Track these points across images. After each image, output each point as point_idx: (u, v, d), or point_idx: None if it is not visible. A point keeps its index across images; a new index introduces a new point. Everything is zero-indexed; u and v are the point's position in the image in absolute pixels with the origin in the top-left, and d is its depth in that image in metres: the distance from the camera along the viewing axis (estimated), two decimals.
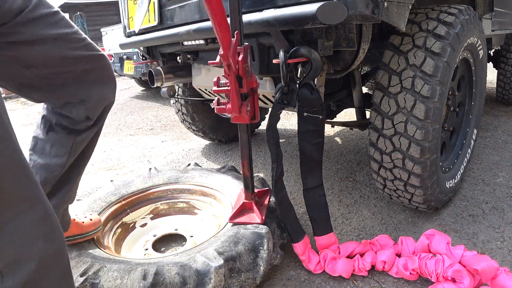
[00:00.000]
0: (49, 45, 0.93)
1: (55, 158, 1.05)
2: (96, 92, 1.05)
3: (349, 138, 2.60)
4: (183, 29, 1.41)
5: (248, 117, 1.11)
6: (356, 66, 1.23)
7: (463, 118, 1.71)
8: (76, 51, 0.99)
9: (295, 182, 1.93)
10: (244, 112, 1.09)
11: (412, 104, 1.18)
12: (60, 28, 0.95)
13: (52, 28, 0.93)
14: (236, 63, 1.01)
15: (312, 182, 1.24)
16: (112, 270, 0.99)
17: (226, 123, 2.57)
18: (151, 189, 1.57)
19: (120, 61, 5.32)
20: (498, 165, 1.93)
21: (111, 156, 2.75)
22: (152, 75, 1.76)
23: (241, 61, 1.02)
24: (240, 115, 1.10)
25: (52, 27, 0.93)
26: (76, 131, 1.06)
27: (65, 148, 1.05)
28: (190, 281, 0.96)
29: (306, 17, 0.93)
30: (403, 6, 1.09)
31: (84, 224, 1.21)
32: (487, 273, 1.01)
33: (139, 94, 6.00)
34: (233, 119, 1.12)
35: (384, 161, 1.32)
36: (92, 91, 1.04)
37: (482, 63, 1.63)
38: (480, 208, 1.53)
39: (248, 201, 1.26)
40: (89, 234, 1.20)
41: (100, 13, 16.59)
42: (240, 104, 1.08)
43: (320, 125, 1.19)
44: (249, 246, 1.08)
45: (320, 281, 1.17)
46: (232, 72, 1.03)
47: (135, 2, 1.81)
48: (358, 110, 1.66)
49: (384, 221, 1.49)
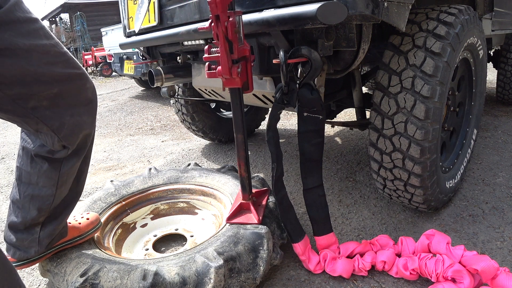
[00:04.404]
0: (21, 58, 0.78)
1: (44, 188, 0.99)
2: (70, 120, 0.92)
3: (349, 138, 2.60)
4: (183, 29, 1.41)
5: (240, 81, 1.07)
6: (356, 66, 1.23)
7: (463, 118, 1.71)
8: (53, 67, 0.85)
9: (295, 182, 1.93)
10: (235, 74, 1.04)
11: (412, 104, 1.18)
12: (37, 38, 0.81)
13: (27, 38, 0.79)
14: (225, 20, 0.97)
15: (312, 182, 1.24)
16: (112, 271, 0.99)
17: (226, 123, 2.57)
18: (151, 189, 1.57)
19: (120, 61, 5.32)
20: (498, 165, 1.93)
21: (111, 156, 2.75)
22: (152, 75, 1.76)
23: (231, 24, 0.99)
24: (231, 78, 1.06)
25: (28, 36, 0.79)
26: (58, 160, 0.97)
27: (52, 180, 0.98)
28: (190, 281, 0.96)
29: (306, 17, 0.93)
30: (403, 6, 1.09)
31: (81, 225, 1.18)
32: (487, 273, 1.01)
33: (139, 94, 6.00)
34: (225, 83, 1.09)
35: (384, 161, 1.32)
36: (66, 118, 0.91)
37: (482, 63, 1.63)
38: (480, 208, 1.53)
39: (246, 201, 1.26)
40: (89, 234, 1.19)
41: (100, 13, 16.60)
42: (231, 65, 1.04)
43: (320, 125, 1.19)
44: (249, 246, 1.08)
45: (320, 281, 1.17)
46: (222, 33, 0.99)
47: (135, 2, 1.81)
48: (358, 110, 1.66)
49: (384, 221, 1.49)
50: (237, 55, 1.04)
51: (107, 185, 1.56)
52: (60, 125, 0.91)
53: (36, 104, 0.86)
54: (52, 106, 0.88)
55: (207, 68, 1.12)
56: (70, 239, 1.14)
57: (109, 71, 9.08)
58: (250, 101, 1.68)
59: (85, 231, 1.18)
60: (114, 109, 4.78)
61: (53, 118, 0.89)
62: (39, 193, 0.99)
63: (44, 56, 0.83)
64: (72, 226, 1.16)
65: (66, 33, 17.85)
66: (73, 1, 16.22)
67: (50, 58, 0.84)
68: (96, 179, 2.28)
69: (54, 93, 0.87)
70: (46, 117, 0.88)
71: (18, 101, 0.83)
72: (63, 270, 1.04)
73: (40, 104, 0.86)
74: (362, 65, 2.08)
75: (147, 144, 2.99)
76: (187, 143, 2.90)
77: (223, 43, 1.01)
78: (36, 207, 1.00)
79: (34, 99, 0.85)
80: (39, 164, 0.98)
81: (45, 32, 0.84)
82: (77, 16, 15.58)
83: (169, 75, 1.82)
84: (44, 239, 1.05)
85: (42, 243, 1.06)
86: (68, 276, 1.02)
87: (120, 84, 7.73)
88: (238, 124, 1.18)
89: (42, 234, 1.05)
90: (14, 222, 1.03)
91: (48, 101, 0.87)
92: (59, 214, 1.06)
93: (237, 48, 1.03)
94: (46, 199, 1.00)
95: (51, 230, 1.06)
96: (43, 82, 0.84)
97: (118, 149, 2.93)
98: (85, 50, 14.68)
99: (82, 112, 0.95)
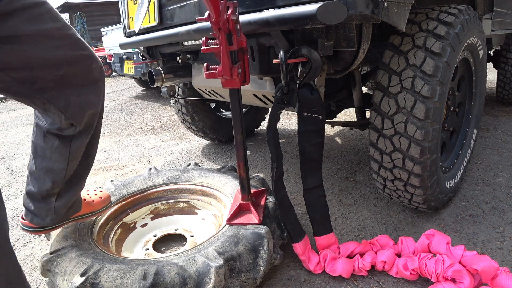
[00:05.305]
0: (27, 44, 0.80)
1: (56, 163, 1.04)
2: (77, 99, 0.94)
3: (349, 138, 2.60)
4: (183, 29, 1.41)
5: (239, 81, 1.08)
6: (356, 66, 1.23)
7: (463, 118, 1.71)
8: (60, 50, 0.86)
9: (295, 182, 1.93)
10: (235, 74, 1.06)
11: (412, 104, 1.18)
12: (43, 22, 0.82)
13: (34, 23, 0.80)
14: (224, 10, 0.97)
15: (312, 182, 1.24)
16: (112, 270, 0.99)
17: (226, 123, 2.57)
18: (151, 189, 1.57)
19: (120, 61, 5.32)
20: (498, 165, 1.93)
21: (111, 156, 2.75)
22: (152, 75, 1.76)
23: (230, 15, 0.99)
24: (231, 78, 1.07)
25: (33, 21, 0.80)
26: (68, 137, 1.01)
27: (63, 156, 1.03)
28: (190, 281, 0.96)
29: (306, 17, 0.93)
30: (403, 6, 1.09)
31: (94, 202, 1.28)
32: (487, 273, 1.01)
33: (139, 94, 6.00)
34: (224, 83, 1.10)
35: (384, 161, 1.32)
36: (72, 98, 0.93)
37: (482, 63, 1.63)
38: (480, 208, 1.53)
39: (245, 202, 1.26)
40: (100, 211, 1.30)
41: (100, 13, 16.59)
42: (231, 66, 1.05)
43: (320, 125, 1.19)
44: (249, 246, 1.08)
45: (320, 281, 1.17)
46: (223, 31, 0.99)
47: (135, 2, 1.81)
48: (358, 110, 1.66)
49: (384, 221, 1.49)
50: (236, 46, 1.04)
51: (107, 185, 1.56)
52: (67, 105, 0.93)
53: (43, 86, 0.88)
54: (58, 87, 0.90)
55: (205, 68, 1.12)
56: (83, 214, 1.24)
57: (109, 71, 9.07)
58: (250, 101, 1.68)
59: (97, 208, 1.29)
60: (114, 109, 4.78)
61: (59, 98, 0.92)
62: (52, 167, 1.05)
63: (50, 41, 0.84)
64: (86, 203, 1.26)
65: None
66: (73, 1, 16.21)
67: (56, 42, 0.85)
68: (96, 179, 2.28)
69: (61, 74, 0.89)
70: (52, 98, 0.91)
71: (26, 83, 0.86)
72: (63, 269, 1.04)
73: (47, 85, 0.89)
74: (362, 65, 2.08)
75: (147, 144, 2.99)
76: (187, 143, 2.90)
77: (224, 40, 1.02)
78: (51, 179, 1.06)
79: (40, 81, 0.87)
80: (51, 141, 1.03)
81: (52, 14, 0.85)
82: (77, 16, 15.58)
83: (169, 75, 1.82)
84: (59, 209, 1.12)
85: (58, 213, 1.12)
86: (68, 275, 1.02)
87: (120, 84, 7.73)
88: (237, 125, 1.18)
89: (58, 204, 1.11)
90: (31, 191, 1.09)
91: (55, 83, 0.89)
92: (73, 185, 1.12)
93: (236, 39, 1.03)
94: (59, 172, 1.05)
95: (65, 200, 1.12)
96: (50, 65, 0.86)
97: (118, 149, 2.93)
98: None
99: (89, 91, 0.97)
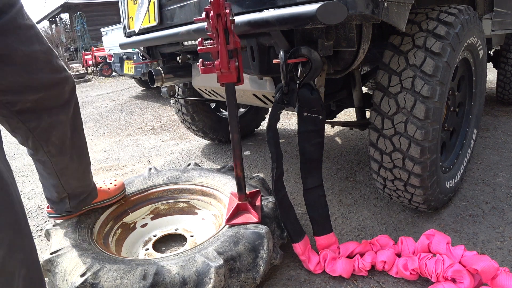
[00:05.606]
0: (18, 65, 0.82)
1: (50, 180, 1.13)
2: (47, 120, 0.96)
3: (349, 138, 2.60)
4: (183, 29, 1.41)
5: (236, 74, 1.09)
6: (356, 66, 1.23)
7: (463, 118, 1.71)
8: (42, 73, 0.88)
9: (295, 182, 1.93)
10: (233, 67, 1.07)
11: (412, 104, 1.18)
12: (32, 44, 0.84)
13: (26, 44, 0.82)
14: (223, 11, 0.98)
15: (312, 182, 1.24)
16: (112, 270, 0.99)
17: (226, 123, 2.57)
18: (151, 189, 1.57)
19: (120, 61, 5.32)
20: (498, 165, 1.93)
21: (111, 156, 2.75)
22: (152, 75, 1.76)
23: (228, 13, 1.00)
24: (229, 72, 1.08)
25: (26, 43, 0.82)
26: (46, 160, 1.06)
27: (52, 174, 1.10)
28: (190, 281, 0.96)
29: (306, 17, 0.93)
30: (403, 6, 1.09)
31: (110, 190, 1.39)
32: (487, 273, 1.01)
33: (139, 94, 6.00)
34: (221, 78, 1.10)
35: (384, 161, 1.32)
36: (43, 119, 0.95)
37: (482, 63, 1.63)
38: (480, 208, 1.53)
39: (242, 202, 1.26)
40: (115, 197, 1.40)
41: (100, 13, 16.59)
42: (228, 60, 1.06)
43: (320, 125, 1.19)
44: (249, 246, 1.08)
45: (320, 281, 1.17)
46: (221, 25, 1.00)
47: (135, 2, 1.81)
48: (358, 110, 1.66)
49: (384, 221, 1.49)
50: (233, 45, 1.05)
51: None
52: (36, 125, 0.96)
53: (21, 108, 0.91)
54: (33, 109, 0.93)
55: (201, 64, 1.12)
56: (100, 200, 1.34)
57: (109, 71, 9.08)
58: (250, 101, 1.68)
59: (113, 195, 1.39)
60: (114, 109, 4.79)
61: (32, 119, 0.95)
62: (49, 182, 1.13)
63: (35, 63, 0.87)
64: (102, 190, 1.35)
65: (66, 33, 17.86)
66: (73, 1, 16.22)
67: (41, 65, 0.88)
68: (96, 179, 2.28)
69: (39, 97, 0.91)
70: (26, 119, 0.94)
71: (7, 104, 0.88)
72: (63, 269, 1.04)
73: (25, 107, 0.91)
74: (362, 65, 2.08)
75: (147, 144, 2.99)
76: (187, 143, 2.90)
77: (222, 36, 1.02)
78: (54, 190, 1.14)
79: (20, 103, 0.89)
80: (37, 164, 1.10)
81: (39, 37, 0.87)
82: (77, 16, 15.58)
83: (169, 75, 1.82)
84: (75, 206, 1.22)
85: (76, 207, 1.23)
86: (68, 275, 1.02)
87: (120, 84, 7.73)
88: (233, 124, 1.18)
89: (72, 203, 1.21)
90: (47, 197, 1.20)
91: (32, 104, 0.92)
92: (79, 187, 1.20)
93: (232, 39, 1.04)
94: (56, 185, 1.14)
95: (78, 200, 1.20)
96: (32, 88, 0.88)
97: (118, 149, 2.93)
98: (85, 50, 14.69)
99: (59, 111, 1.00)
